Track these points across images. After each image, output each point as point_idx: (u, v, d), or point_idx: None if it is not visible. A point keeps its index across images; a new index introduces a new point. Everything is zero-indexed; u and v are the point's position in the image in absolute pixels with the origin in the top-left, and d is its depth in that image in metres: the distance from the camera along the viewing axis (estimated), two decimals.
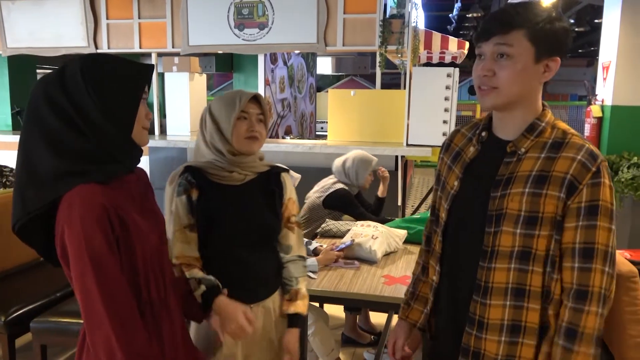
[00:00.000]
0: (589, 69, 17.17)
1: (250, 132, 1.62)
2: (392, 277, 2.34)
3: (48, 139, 1.14)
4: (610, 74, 5.21)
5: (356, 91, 4.98)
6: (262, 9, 4.94)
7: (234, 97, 1.62)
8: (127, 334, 1.12)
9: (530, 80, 1.20)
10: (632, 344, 1.76)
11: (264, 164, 1.72)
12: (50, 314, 2.51)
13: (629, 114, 5.12)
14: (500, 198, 1.21)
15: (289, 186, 1.76)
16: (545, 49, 1.17)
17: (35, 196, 1.13)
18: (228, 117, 1.60)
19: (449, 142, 1.42)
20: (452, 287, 1.35)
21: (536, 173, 1.19)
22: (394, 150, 4.53)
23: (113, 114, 1.17)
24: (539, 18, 1.16)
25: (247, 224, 1.64)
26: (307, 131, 7.95)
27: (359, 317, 3.34)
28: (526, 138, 1.22)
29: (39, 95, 1.17)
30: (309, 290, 2.20)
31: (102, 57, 1.23)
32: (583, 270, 1.15)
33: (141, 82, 1.21)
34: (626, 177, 4.72)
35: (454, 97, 4.44)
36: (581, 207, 1.15)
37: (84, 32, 5.44)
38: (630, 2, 5.01)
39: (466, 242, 1.30)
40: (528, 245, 1.19)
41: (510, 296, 1.21)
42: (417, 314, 1.51)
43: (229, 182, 1.63)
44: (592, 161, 1.16)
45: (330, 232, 2.98)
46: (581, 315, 1.15)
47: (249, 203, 1.65)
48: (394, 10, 5.13)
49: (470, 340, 1.27)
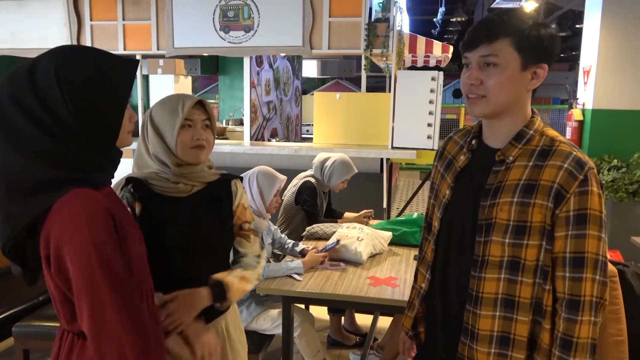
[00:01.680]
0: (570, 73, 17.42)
1: (196, 141, 1.50)
2: (378, 278, 2.36)
3: (23, 146, 1.01)
4: (591, 78, 5.30)
5: (341, 94, 5.00)
6: (248, 12, 4.94)
7: (176, 103, 1.49)
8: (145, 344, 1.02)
9: (518, 88, 1.19)
10: (612, 342, 1.79)
11: (213, 173, 1.60)
12: (33, 318, 2.48)
13: (609, 118, 5.21)
14: (489, 207, 1.21)
15: (240, 193, 1.63)
16: (531, 57, 1.17)
17: (21, 211, 1.01)
18: (171, 126, 1.48)
19: (442, 150, 1.41)
20: (444, 295, 1.34)
21: (524, 182, 1.18)
22: (379, 153, 4.56)
23: (95, 124, 1.05)
24: (524, 26, 1.16)
25: (191, 238, 1.51)
26: (292, 134, 7.95)
27: (344, 318, 3.35)
28: (514, 146, 1.22)
29: (4, 98, 1.02)
30: (294, 292, 2.21)
31: (80, 53, 1.08)
32: (574, 280, 1.15)
33: (127, 84, 1.10)
34: (606, 179, 4.80)
35: (438, 100, 4.48)
36: (570, 216, 1.14)
37: (68, 34, 5.39)
38: (611, 7, 5.11)
39: (458, 251, 1.30)
40: (517, 255, 1.19)
41: (500, 307, 1.21)
42: (409, 321, 1.50)
43: (175, 194, 1.51)
44: (579, 169, 1.14)
45: (315, 234, 2.99)
46: (574, 326, 1.15)
47: (194, 215, 1.52)
48: (379, 14, 5.17)
49: (464, 351, 1.27)
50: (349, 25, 4.78)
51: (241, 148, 4.88)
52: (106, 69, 1.06)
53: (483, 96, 1.20)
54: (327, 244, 2.60)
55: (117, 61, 1.09)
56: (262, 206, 2.46)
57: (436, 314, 1.37)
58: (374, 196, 4.57)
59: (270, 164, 2.86)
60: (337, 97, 4.94)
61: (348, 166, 3.21)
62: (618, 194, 4.70)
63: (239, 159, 4.92)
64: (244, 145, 5.01)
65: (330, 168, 3.19)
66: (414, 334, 1.48)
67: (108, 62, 1.07)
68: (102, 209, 1.02)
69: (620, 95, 5.17)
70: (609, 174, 4.84)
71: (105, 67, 1.06)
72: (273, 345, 2.70)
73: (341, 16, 4.79)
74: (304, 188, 3.16)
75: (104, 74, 1.06)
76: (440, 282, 1.35)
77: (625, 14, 5.08)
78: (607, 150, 5.17)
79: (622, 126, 5.18)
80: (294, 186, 3.23)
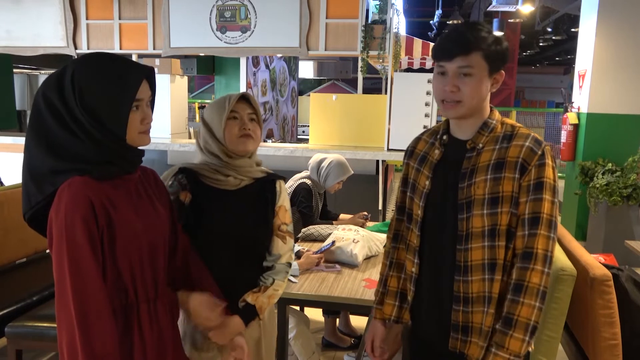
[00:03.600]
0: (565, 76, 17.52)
1: (243, 131, 1.59)
2: (373, 280, 2.36)
3: (47, 141, 1.18)
4: (586, 82, 5.33)
5: (338, 95, 5.01)
6: (245, 12, 4.94)
7: (224, 99, 1.61)
8: (92, 335, 1.11)
9: (485, 92, 1.39)
10: (606, 345, 1.80)
11: (260, 170, 1.69)
12: (26, 318, 2.46)
13: (604, 122, 5.23)
14: (467, 187, 1.39)
15: (283, 194, 1.72)
16: (495, 66, 1.37)
17: (37, 190, 1.19)
18: (219, 119, 1.59)
19: (413, 149, 1.58)
20: (435, 273, 1.47)
21: (494, 161, 1.37)
22: (374, 155, 4.56)
23: (101, 124, 1.18)
24: (490, 40, 1.35)
25: (235, 231, 1.60)
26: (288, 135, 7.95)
27: (339, 320, 3.35)
28: (482, 135, 1.41)
29: (39, 97, 1.20)
30: (289, 294, 2.21)
31: (93, 60, 1.22)
32: (530, 236, 1.33)
33: (131, 89, 1.20)
34: (601, 183, 4.81)
35: (434, 102, 4.49)
36: (530, 185, 1.34)
37: (63, 32, 5.37)
38: (606, 12, 5.13)
39: (443, 231, 1.44)
40: (495, 223, 1.36)
41: (487, 270, 1.37)
42: (389, 308, 1.61)
43: (224, 187, 1.60)
44: (537, 146, 1.35)
45: (311, 236, 2.99)
46: (526, 272, 1.32)
47: (240, 209, 1.61)
48: (376, 15, 5.17)
49: (459, 317, 1.40)
50: (345, 26, 4.79)
51: None
52: (113, 74, 1.19)
53: (458, 101, 1.37)
54: (323, 246, 2.60)
55: (126, 67, 1.21)
56: None
57: (428, 291, 1.49)
58: (369, 198, 4.57)
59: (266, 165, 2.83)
60: (334, 99, 4.94)
61: (344, 167, 3.22)
62: (612, 197, 4.71)
63: None
64: None
65: (326, 169, 3.19)
66: (400, 319, 1.60)
67: (117, 68, 1.20)
68: (83, 196, 1.14)
69: (615, 99, 5.20)
70: (604, 178, 4.85)
71: (112, 72, 1.19)
72: None
73: (338, 17, 4.79)
74: (299, 190, 3.15)
75: (109, 79, 1.19)
76: (430, 262, 1.48)
77: (621, 19, 5.10)
78: (602, 153, 5.19)
79: (616, 130, 5.20)
80: (290, 187, 3.23)
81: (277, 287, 1.65)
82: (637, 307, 2.04)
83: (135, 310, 1.24)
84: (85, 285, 1.13)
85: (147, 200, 1.31)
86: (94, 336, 1.11)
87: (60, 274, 1.13)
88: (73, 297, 1.11)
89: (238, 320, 1.54)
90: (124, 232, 1.20)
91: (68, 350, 1.12)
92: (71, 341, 1.11)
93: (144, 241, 1.25)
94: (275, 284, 1.65)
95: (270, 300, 1.64)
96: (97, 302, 1.14)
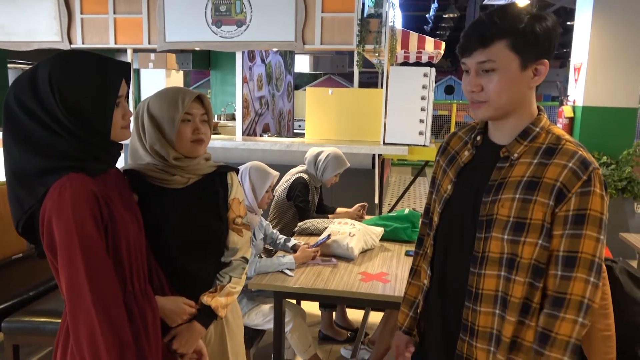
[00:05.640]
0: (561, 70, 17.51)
1: (196, 135, 1.53)
2: (369, 273, 2.37)
3: (27, 141, 1.16)
4: (581, 75, 5.34)
5: (334, 90, 5.00)
6: (240, 6, 4.92)
7: (176, 96, 1.51)
8: (111, 321, 1.12)
9: (520, 88, 1.17)
10: (600, 337, 1.81)
11: (210, 165, 1.62)
12: (23, 313, 2.46)
13: (599, 115, 5.25)
14: (491, 203, 1.19)
15: (235, 186, 1.65)
16: (530, 55, 1.14)
17: (28, 194, 1.17)
18: (171, 119, 1.49)
19: (446, 145, 1.39)
20: (442, 291, 1.33)
21: (527, 179, 1.16)
22: (371, 149, 4.56)
23: (84, 122, 1.18)
24: (519, 24, 1.11)
25: (188, 229, 1.54)
26: (284, 129, 7.94)
27: (335, 313, 3.36)
28: (519, 143, 1.19)
29: (12, 102, 1.17)
30: (286, 287, 2.22)
31: (73, 58, 1.20)
32: (564, 278, 1.13)
33: (115, 85, 1.20)
34: None
35: (430, 96, 4.50)
36: (568, 216, 1.12)
37: (58, 27, 5.34)
38: (602, 5, 5.14)
39: (457, 247, 1.28)
40: (514, 253, 1.17)
41: (498, 305, 1.19)
42: (402, 316, 1.49)
43: (171, 186, 1.53)
44: (583, 169, 1.12)
45: (307, 230, 3.00)
46: (555, 321, 1.13)
47: (190, 207, 1.55)
48: (372, 9, 5.17)
49: (464, 348, 1.25)
50: (341, 20, 4.78)
51: (233, 143, 4.87)
52: (94, 72, 1.18)
53: (484, 101, 1.18)
54: (318, 239, 2.61)
55: (106, 65, 1.20)
56: (254, 201, 2.46)
57: (435, 311, 1.36)
58: (365, 192, 4.58)
59: (262, 159, 2.85)
60: (330, 93, 4.94)
61: (341, 160, 3.23)
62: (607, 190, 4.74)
63: (230, 154, 4.91)
64: (235, 140, 4.99)
65: (324, 162, 3.20)
66: (410, 330, 1.48)
67: (97, 66, 1.19)
68: (88, 191, 1.14)
69: (611, 92, 5.22)
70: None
71: (93, 71, 1.18)
72: (265, 340, 2.71)
73: (334, 11, 4.78)
74: (296, 184, 3.16)
75: (91, 77, 1.18)
76: (438, 278, 1.34)
77: (616, 12, 5.11)
78: (597, 147, 5.21)
79: (612, 123, 5.22)
80: (286, 182, 3.23)
81: (235, 284, 1.60)
82: (631, 299, 2.05)
83: (134, 300, 1.26)
84: (103, 278, 1.14)
85: (126, 194, 1.35)
86: (118, 326, 1.13)
87: (71, 270, 1.11)
88: (92, 291, 1.11)
89: (198, 326, 1.50)
90: (121, 225, 1.22)
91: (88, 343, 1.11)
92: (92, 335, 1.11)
93: (133, 233, 1.27)
94: (233, 281, 1.60)
95: (229, 298, 1.58)
96: (116, 295, 1.15)
